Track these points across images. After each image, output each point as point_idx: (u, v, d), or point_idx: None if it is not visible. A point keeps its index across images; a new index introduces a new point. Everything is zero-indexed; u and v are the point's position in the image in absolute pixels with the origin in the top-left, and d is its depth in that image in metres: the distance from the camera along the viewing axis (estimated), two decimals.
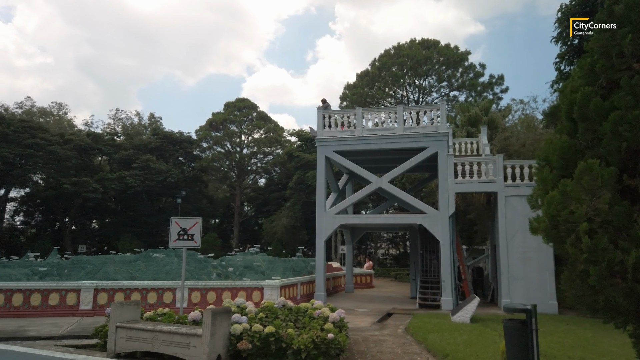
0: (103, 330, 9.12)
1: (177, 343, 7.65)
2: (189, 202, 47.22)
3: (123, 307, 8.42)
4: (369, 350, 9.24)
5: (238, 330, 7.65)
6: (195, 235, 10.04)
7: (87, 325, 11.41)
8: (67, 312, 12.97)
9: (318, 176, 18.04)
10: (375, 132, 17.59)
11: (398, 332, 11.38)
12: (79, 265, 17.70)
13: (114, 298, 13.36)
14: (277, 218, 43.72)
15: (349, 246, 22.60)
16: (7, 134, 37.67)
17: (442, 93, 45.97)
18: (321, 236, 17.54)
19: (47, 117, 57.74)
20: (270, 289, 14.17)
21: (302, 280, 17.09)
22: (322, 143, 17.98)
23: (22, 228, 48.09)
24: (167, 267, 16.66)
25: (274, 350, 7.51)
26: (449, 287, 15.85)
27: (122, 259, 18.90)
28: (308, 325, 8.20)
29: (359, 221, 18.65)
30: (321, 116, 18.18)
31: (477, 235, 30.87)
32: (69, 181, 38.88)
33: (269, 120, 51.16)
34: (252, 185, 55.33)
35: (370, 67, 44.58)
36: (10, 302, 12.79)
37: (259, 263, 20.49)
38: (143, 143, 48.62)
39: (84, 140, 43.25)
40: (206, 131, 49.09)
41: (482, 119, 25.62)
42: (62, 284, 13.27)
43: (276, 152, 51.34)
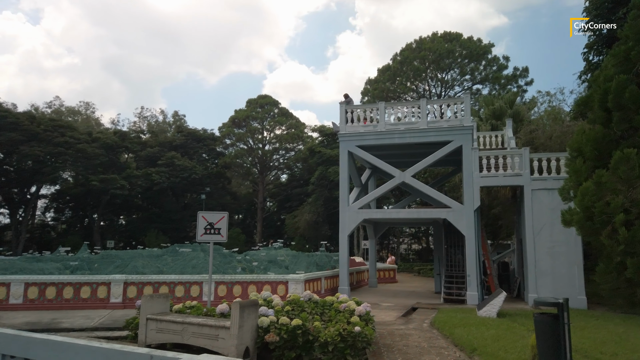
0: (134, 322, 9.36)
1: (206, 335, 7.79)
2: (212, 198, 47.83)
3: (153, 300, 8.61)
4: (395, 344, 9.23)
5: (265, 322, 7.74)
6: (222, 230, 10.18)
7: (118, 318, 11.71)
8: (98, 305, 13.32)
9: (341, 171, 18.04)
10: (398, 126, 17.47)
11: (424, 327, 11.33)
12: (108, 260, 18.16)
13: (143, 291, 13.65)
14: (300, 213, 43.90)
15: (372, 241, 22.56)
16: (38, 132, 38.75)
17: (465, 86, 45.31)
18: (344, 231, 17.56)
19: (75, 116, 59.19)
20: (294, 283, 14.27)
21: (325, 275, 17.15)
22: (345, 138, 17.96)
23: (53, 224, 49.51)
24: (193, 261, 16.94)
25: (301, 342, 7.58)
26: (475, 281, 15.68)
27: (150, 253, 19.28)
28: (334, 318, 8.24)
29: (382, 216, 18.60)
30: (343, 111, 18.15)
31: (502, 230, 30.42)
32: (97, 178, 39.81)
33: (291, 117, 51.34)
34: (274, 181, 55.67)
35: (392, 61, 44.22)
36: (44, 294, 13.21)
37: (283, 258, 20.65)
38: (168, 140, 49.41)
39: (111, 138, 44.18)
40: (229, 128, 49.56)
41: (506, 111, 25.14)
42: (93, 278, 13.63)
43: (298, 148, 51.52)
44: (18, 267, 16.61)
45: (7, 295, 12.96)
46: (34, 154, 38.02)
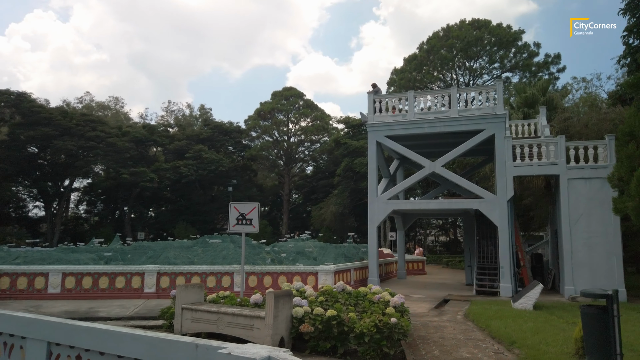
0: (169, 311, 9.46)
1: (241, 325, 7.80)
2: (239, 191, 48.23)
3: (188, 290, 8.68)
4: (430, 335, 9.08)
5: (300, 313, 7.70)
6: (254, 220, 10.18)
7: (152, 307, 11.89)
8: (132, 295, 13.57)
9: (369, 162, 17.85)
10: (428, 116, 17.16)
11: (457, 318, 11.14)
12: (140, 251, 18.49)
13: (175, 282, 13.85)
14: (326, 205, 43.87)
15: (401, 232, 22.33)
16: (70, 127, 39.73)
17: (494, 75, 44.25)
18: (373, 222, 17.41)
19: (105, 110, 60.49)
20: (324, 274, 14.23)
21: (355, 266, 17.07)
22: (373, 128, 17.74)
23: (86, 216, 50.85)
24: (223, 252, 17.08)
25: (336, 333, 7.52)
26: (508, 273, 15.35)
27: (181, 244, 19.55)
28: (368, 309, 8.15)
29: (412, 206, 18.36)
30: (371, 101, 17.92)
31: (534, 221, 29.70)
32: (127, 171, 40.59)
33: (316, 108, 51.20)
34: (300, 173, 55.76)
35: (418, 50, 43.50)
36: (81, 284, 13.54)
37: (311, 249, 20.63)
38: (195, 134, 49.97)
39: (140, 132, 44.96)
40: (255, 120, 49.78)
41: (539, 99, 24.44)
42: (128, 268, 13.90)
43: (323, 140, 51.39)
44: (55, 258, 17.08)
45: (45, 285, 13.33)
46: (67, 148, 39.01)
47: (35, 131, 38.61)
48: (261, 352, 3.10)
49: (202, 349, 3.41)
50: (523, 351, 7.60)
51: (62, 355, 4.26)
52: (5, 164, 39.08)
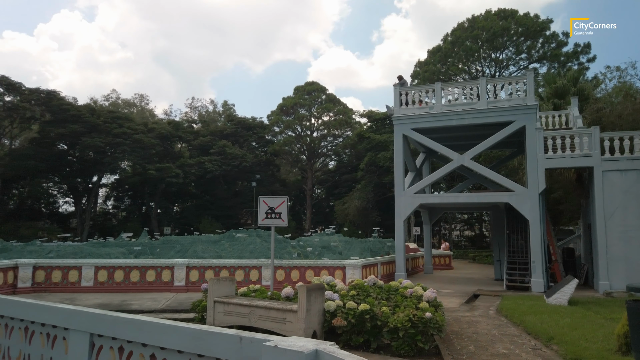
0: (200, 304, 9.52)
1: (273, 318, 7.79)
2: (262, 186, 48.49)
3: (220, 283, 8.72)
4: (463, 331, 8.93)
5: (332, 307, 7.64)
6: (283, 214, 10.16)
7: (183, 301, 12.03)
8: (162, 288, 13.75)
9: (395, 155, 17.63)
10: (456, 107, 16.83)
11: (490, 314, 10.93)
12: (168, 245, 18.74)
13: (204, 275, 13.97)
14: (349, 200, 43.72)
15: (427, 227, 22.06)
16: (98, 124, 40.52)
17: (521, 66, 43.23)
18: (400, 216, 17.22)
19: (130, 108, 61.50)
20: (352, 268, 14.15)
21: (382, 261, 16.94)
22: (400, 121, 17.51)
23: (114, 212, 51.89)
24: (250, 246, 17.17)
25: (369, 327, 7.44)
26: (540, 268, 14.99)
27: (208, 239, 19.73)
28: (401, 303, 8.04)
29: (440, 200, 18.08)
30: (397, 93, 17.68)
31: (563, 215, 29.00)
32: (153, 167, 41.22)
33: (338, 103, 50.98)
34: (323, 168, 55.70)
35: (443, 42, 42.81)
36: (113, 278, 13.79)
37: (336, 243, 20.59)
38: (219, 129, 50.41)
39: (165, 129, 45.58)
40: (277, 116, 49.89)
41: (570, 90, 23.71)
42: (158, 262, 14.08)
43: (346, 134, 51.17)
44: (87, 252, 17.46)
45: (79, 278, 13.62)
46: (95, 144, 39.82)
47: (65, 128, 39.51)
48: (307, 345, 3.04)
49: (247, 341, 3.37)
50: (562, 347, 7.39)
51: (104, 347, 4.29)
52: (37, 161, 40.11)
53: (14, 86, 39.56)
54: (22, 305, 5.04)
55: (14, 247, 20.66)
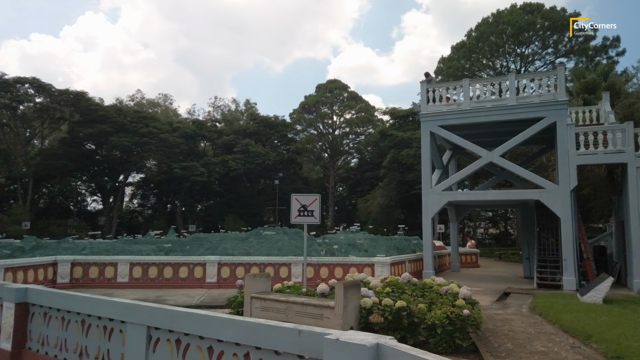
0: (236, 300, 9.71)
1: (310, 314, 7.90)
2: (285, 184, 48.80)
3: (256, 280, 8.87)
4: (498, 328, 8.90)
5: (368, 303, 7.72)
6: (315, 212, 10.27)
7: (216, 297, 12.26)
8: (195, 285, 14.04)
9: (423, 152, 17.58)
10: (484, 104, 16.70)
11: (523, 312, 10.85)
12: (197, 242, 19.09)
13: (235, 272, 14.21)
14: (372, 197, 43.65)
15: (454, 224, 21.93)
16: (125, 124, 41.37)
17: (547, 60, 42.49)
18: (428, 214, 17.17)
19: (154, 107, 62.54)
20: (381, 265, 14.20)
21: (409, 258, 16.94)
22: (427, 118, 17.45)
23: (140, 210, 52.91)
24: (278, 244, 17.37)
25: (406, 324, 7.49)
26: (572, 266, 14.77)
27: (235, 236, 20.03)
28: (437, 301, 8.06)
29: (469, 198, 17.96)
30: (424, 90, 17.62)
31: (593, 212, 28.43)
32: (179, 166, 41.88)
33: (360, 100, 50.88)
34: (345, 165, 55.70)
35: (467, 37, 42.31)
36: (147, 274, 14.13)
37: (362, 241, 20.66)
38: (242, 128, 50.89)
39: (189, 128, 46.24)
40: (300, 114, 50.07)
41: (600, 84, 23.23)
42: (190, 259, 14.37)
43: (368, 132, 51.05)
44: (119, 249, 17.91)
45: (114, 274, 14.00)
46: (122, 144, 40.67)
47: (93, 128, 40.46)
48: (367, 338, 3.12)
49: (305, 335, 3.48)
50: (602, 346, 7.32)
51: (161, 339, 4.46)
52: (66, 160, 41.22)
53: (44, 87, 40.67)
54: (78, 299, 5.26)
55: (49, 244, 21.35)
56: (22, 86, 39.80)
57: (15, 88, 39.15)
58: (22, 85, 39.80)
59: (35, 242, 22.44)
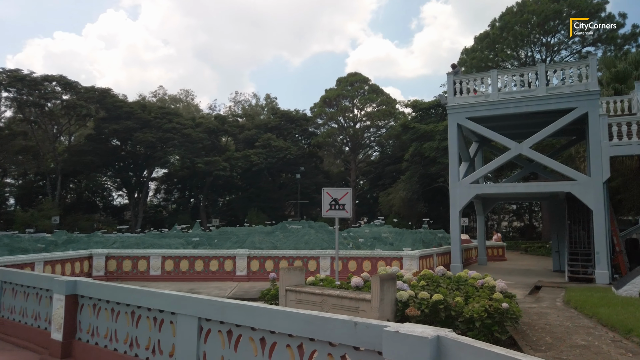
0: (269, 293, 9.83)
1: (346, 307, 7.95)
2: (306, 178, 48.93)
3: (290, 273, 8.95)
4: (534, 322, 8.82)
5: (404, 296, 7.72)
6: (347, 205, 10.30)
7: (247, 289, 12.42)
8: (225, 277, 14.24)
9: (450, 145, 17.42)
10: (513, 95, 16.43)
11: (557, 305, 10.72)
12: (224, 236, 19.32)
13: (264, 265, 14.36)
14: (394, 191, 43.45)
15: (481, 217, 21.71)
16: (149, 120, 41.98)
17: (574, 50, 41.47)
18: (455, 207, 17.03)
19: (176, 103, 63.24)
20: (409, 259, 14.17)
21: (437, 252, 16.85)
22: (454, 110, 17.26)
23: (164, 204, 53.75)
24: (305, 237, 17.46)
25: (443, 318, 7.48)
26: (605, 259, 14.50)
27: (261, 230, 20.20)
28: (473, 294, 8.02)
29: (497, 190, 17.74)
30: (451, 82, 17.43)
31: (623, 204, 27.80)
32: (202, 161, 42.36)
33: (381, 93, 50.52)
34: (366, 159, 55.52)
35: (490, 27, 41.57)
36: (179, 267, 14.40)
37: (387, 234, 20.63)
38: (263, 123, 51.13)
39: (212, 123, 46.67)
40: (320, 108, 49.99)
41: (632, 73, 22.61)
42: (220, 252, 14.57)
43: (389, 125, 50.71)
44: (148, 243, 18.25)
45: (147, 267, 14.30)
46: (147, 139, 41.30)
47: (118, 124, 41.17)
48: (427, 330, 3.14)
49: (362, 327, 3.51)
50: None
51: (212, 330, 4.56)
52: (93, 156, 42.07)
53: (70, 85, 41.51)
54: (127, 291, 5.40)
55: (80, 238, 21.87)
56: (49, 84, 40.70)
57: (43, 86, 40.06)
58: (49, 83, 40.70)
59: (67, 236, 23.03)
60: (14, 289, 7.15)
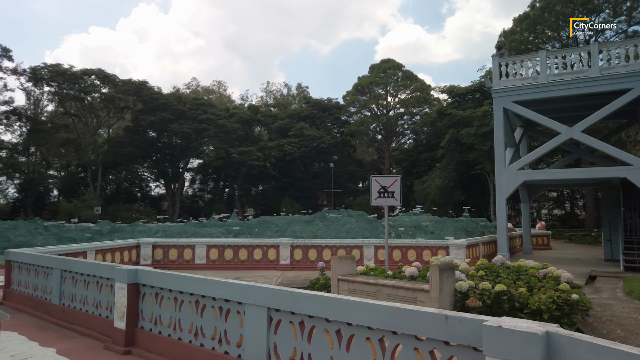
0: (318, 282, 9.72)
1: (402, 297, 7.72)
2: (339, 167, 48.69)
3: (342, 262, 8.79)
4: (600, 314, 8.39)
5: (464, 287, 7.43)
6: (396, 193, 10.04)
7: (292, 278, 12.36)
8: (268, 266, 14.23)
9: (495, 131, 16.80)
10: (563, 77, 15.65)
11: (619, 296, 10.20)
12: (264, 225, 19.35)
13: (308, 254, 14.27)
14: (429, 179, 42.74)
15: (526, 205, 20.99)
16: (185, 111, 42.50)
17: (619, 29, 39.47)
18: (502, 194, 16.46)
19: (209, 94, 63.85)
20: (456, 248, 13.80)
21: (483, 240, 16.39)
22: (500, 94, 16.61)
23: (200, 194, 54.60)
24: (346, 226, 17.29)
25: (507, 309, 7.16)
26: None
27: (300, 219, 20.14)
28: (535, 285, 7.67)
29: (547, 177, 17.05)
30: (497, 64, 16.75)
31: None
32: (236, 151, 42.67)
33: (415, 79, 49.52)
34: (400, 147, 54.76)
35: (530, 8, 39.99)
36: (223, 256, 14.47)
37: (427, 223, 20.22)
38: (296, 112, 51.03)
39: (245, 113, 46.90)
40: (353, 96, 49.46)
41: None
42: (264, 241, 14.56)
43: (424, 112, 49.75)
44: (190, 232, 18.46)
45: (192, 256, 14.44)
46: (183, 131, 41.87)
47: (155, 116, 41.86)
48: (533, 326, 2.88)
49: (454, 320, 3.29)
50: None
51: (283, 321, 4.42)
52: (131, 148, 42.97)
53: (108, 78, 42.41)
54: (191, 280, 5.32)
55: (123, 227, 22.39)
56: (88, 77, 41.68)
57: (82, 80, 41.05)
58: (88, 77, 41.68)
59: (110, 225, 23.61)
60: (73, 278, 7.25)
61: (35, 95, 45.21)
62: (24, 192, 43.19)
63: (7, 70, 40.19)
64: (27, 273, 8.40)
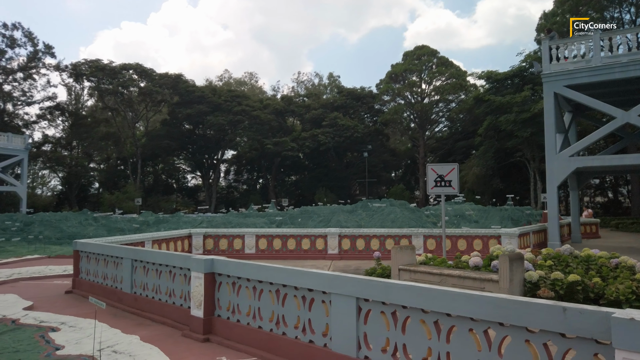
0: (375, 272, 9.68)
1: (469, 288, 7.58)
2: (373, 156, 48.36)
3: (402, 252, 8.72)
4: None
5: (534, 277, 7.26)
6: (453, 182, 9.85)
7: (342, 268, 12.35)
8: (317, 256, 14.29)
9: (546, 116, 16.30)
10: (619, 59, 15.01)
11: None
12: (306, 215, 19.42)
13: (355, 244, 14.24)
14: (467, 167, 41.96)
15: (574, 193, 20.37)
16: (220, 104, 42.96)
17: None
18: (553, 182, 16.01)
19: (241, 86, 64.30)
20: (508, 237, 13.51)
21: (533, 229, 16.01)
22: (550, 78, 16.07)
23: (235, 185, 55.33)
24: (391, 215, 17.17)
25: (581, 299, 6.95)
26: None
27: (342, 209, 20.11)
28: (607, 274, 7.42)
29: (601, 163, 16.44)
30: (547, 48, 16.19)
31: None
32: (270, 142, 42.93)
33: (451, 66, 48.46)
34: (435, 135, 53.91)
35: None
36: (272, 245, 14.61)
37: (470, 212, 19.88)
38: (329, 102, 50.83)
39: (279, 104, 47.04)
40: (387, 84, 48.87)
41: None
42: (312, 231, 14.61)
43: (460, 99, 48.72)
44: (235, 222, 18.70)
45: (242, 246, 14.64)
46: (218, 122, 42.37)
47: (191, 109, 42.47)
48: None
49: (573, 312, 3.17)
50: None
51: (373, 311, 4.39)
52: (168, 140, 43.81)
53: (146, 72, 43.22)
54: (272, 270, 5.34)
55: (167, 219, 22.89)
56: (127, 72, 42.57)
57: (121, 74, 41.97)
58: (126, 71, 42.57)
59: (153, 216, 24.21)
60: (145, 267, 7.43)
61: (76, 91, 46.63)
62: (67, 184, 44.74)
63: (50, 67, 41.53)
64: (96, 262, 8.67)
